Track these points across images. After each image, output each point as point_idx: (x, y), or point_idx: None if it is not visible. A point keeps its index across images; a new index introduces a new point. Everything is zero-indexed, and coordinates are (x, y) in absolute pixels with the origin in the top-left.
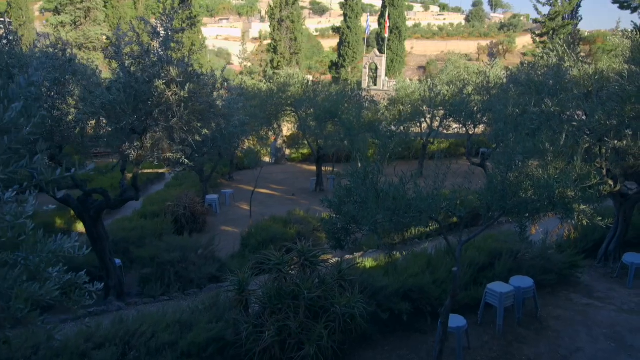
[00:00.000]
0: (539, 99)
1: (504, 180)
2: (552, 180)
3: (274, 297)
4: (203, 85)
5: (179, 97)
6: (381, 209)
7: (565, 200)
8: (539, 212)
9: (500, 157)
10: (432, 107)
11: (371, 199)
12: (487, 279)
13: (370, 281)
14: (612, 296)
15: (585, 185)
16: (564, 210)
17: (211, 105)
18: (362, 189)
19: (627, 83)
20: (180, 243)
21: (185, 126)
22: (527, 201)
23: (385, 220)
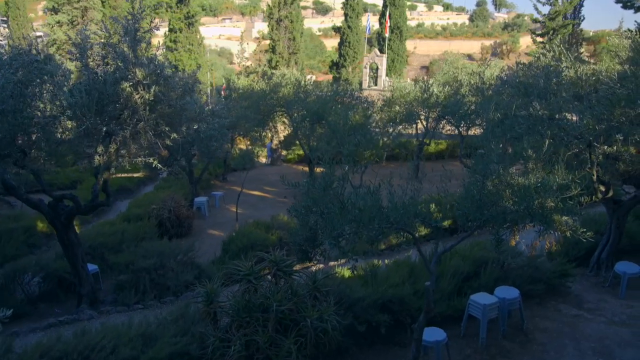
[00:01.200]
0: (527, 102)
1: (481, 189)
2: (531, 189)
3: (242, 310)
4: (171, 88)
5: (144, 100)
6: (345, 221)
7: (544, 211)
8: (518, 223)
9: (477, 164)
10: (425, 109)
11: (334, 211)
12: (472, 289)
13: (347, 292)
14: (602, 307)
15: (565, 196)
16: (542, 222)
17: (181, 108)
18: (324, 200)
19: (618, 86)
20: (158, 249)
21: (152, 130)
22: (505, 211)
23: (349, 233)
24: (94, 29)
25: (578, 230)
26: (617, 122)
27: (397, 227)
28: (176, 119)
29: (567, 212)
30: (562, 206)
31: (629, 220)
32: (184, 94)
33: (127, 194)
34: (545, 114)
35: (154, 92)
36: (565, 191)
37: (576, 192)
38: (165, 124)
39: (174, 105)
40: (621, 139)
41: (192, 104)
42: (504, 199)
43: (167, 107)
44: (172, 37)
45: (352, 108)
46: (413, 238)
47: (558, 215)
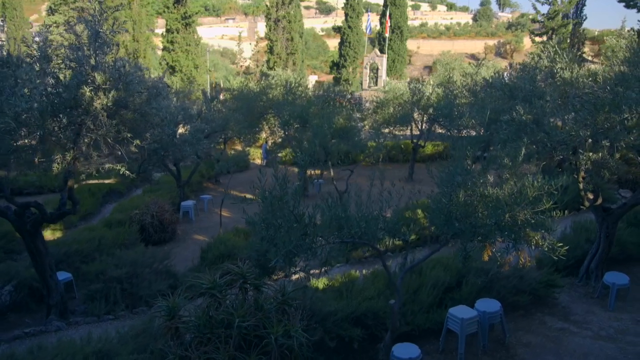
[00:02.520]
0: (512, 105)
1: (449, 202)
2: (502, 202)
3: (203, 326)
4: (133, 93)
5: (103, 105)
6: (296, 237)
7: (513, 227)
8: (488, 238)
9: (442, 176)
10: (416, 110)
11: (286, 226)
12: (453, 301)
13: (319, 305)
14: (589, 320)
15: (537, 210)
16: (511, 238)
17: (146, 113)
18: (276, 214)
19: (602, 90)
20: (131, 257)
21: (112, 137)
22: (476, 225)
23: (301, 250)
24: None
25: (555, 244)
26: (602, 128)
27: (359, 241)
28: (141, 125)
29: (538, 227)
30: (534, 221)
31: (620, 228)
32: (149, 98)
33: (118, 197)
34: (529, 119)
35: (112, 97)
36: (537, 204)
37: (548, 205)
38: (127, 130)
39: (139, 110)
40: (607, 145)
41: (161, 109)
42: (476, 211)
43: (130, 112)
44: (170, 38)
45: (342, 110)
46: (378, 253)
47: (529, 231)
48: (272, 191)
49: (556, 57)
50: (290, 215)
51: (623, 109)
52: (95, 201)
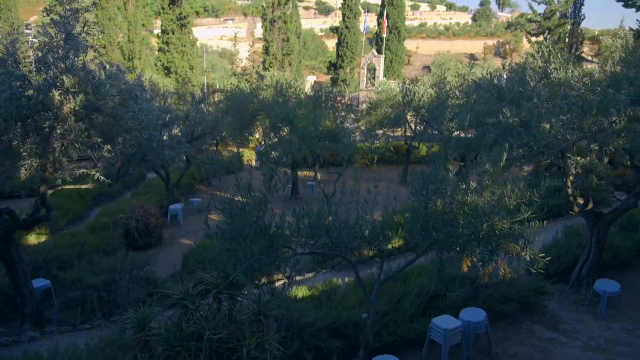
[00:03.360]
0: (499, 108)
1: (426, 210)
2: (480, 211)
3: (173, 339)
4: (105, 96)
5: (71, 109)
6: (259, 249)
7: (490, 237)
8: (466, 248)
9: (414, 184)
10: (407, 112)
11: (248, 238)
12: (438, 310)
13: (296, 315)
14: (579, 329)
15: (516, 220)
16: (488, 249)
17: (119, 117)
18: (238, 225)
19: (590, 92)
20: (109, 264)
21: (80, 142)
22: (453, 234)
23: (264, 264)
24: None
25: (537, 254)
26: (589, 131)
27: (330, 252)
28: (113, 129)
29: (515, 238)
30: (511, 231)
31: (612, 233)
32: (123, 101)
33: (109, 200)
34: (516, 122)
35: (80, 100)
36: (516, 214)
37: (527, 215)
38: (98, 135)
39: (111, 114)
40: (596, 149)
41: (138, 112)
42: (456, 220)
43: (101, 116)
44: (165, 39)
45: (329, 112)
46: (350, 263)
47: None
48: (232, 201)
49: (550, 57)
50: (254, 225)
51: (611, 112)
52: (84, 204)
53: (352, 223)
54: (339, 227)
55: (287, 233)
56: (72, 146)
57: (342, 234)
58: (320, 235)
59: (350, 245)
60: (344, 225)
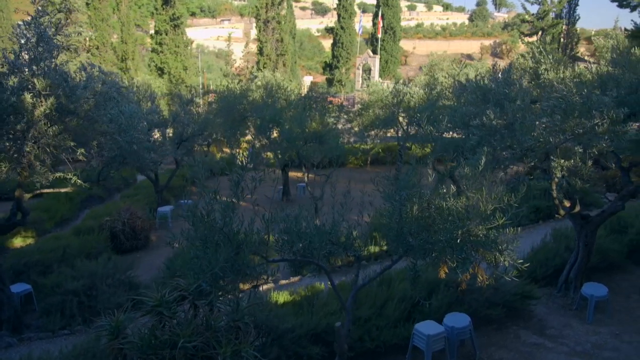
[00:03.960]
0: (482, 109)
1: (400, 216)
2: (455, 216)
3: (146, 347)
4: (78, 99)
5: (42, 112)
6: (224, 257)
7: (464, 244)
8: (441, 255)
9: (386, 190)
10: (398, 113)
11: (214, 245)
12: (422, 315)
13: (276, 322)
14: (566, 334)
15: (490, 226)
16: (461, 257)
17: (93, 120)
18: (203, 232)
19: (572, 94)
20: (90, 268)
21: (51, 146)
22: (429, 241)
23: (229, 272)
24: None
25: (516, 262)
26: (572, 133)
27: (302, 259)
28: (88, 132)
29: (488, 246)
30: (485, 238)
31: (601, 235)
32: (98, 104)
33: (98, 202)
34: (499, 124)
35: (51, 103)
36: (491, 220)
37: (501, 221)
38: (71, 138)
39: (86, 117)
40: (580, 151)
41: (119, 114)
42: (433, 226)
43: (75, 119)
44: (158, 39)
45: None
46: (325, 271)
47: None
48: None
49: (541, 57)
50: (219, 232)
51: (594, 114)
52: (73, 207)
53: (328, 228)
54: (311, 232)
55: (257, 239)
56: (44, 150)
57: (314, 240)
58: (293, 242)
59: (323, 251)
60: (317, 230)
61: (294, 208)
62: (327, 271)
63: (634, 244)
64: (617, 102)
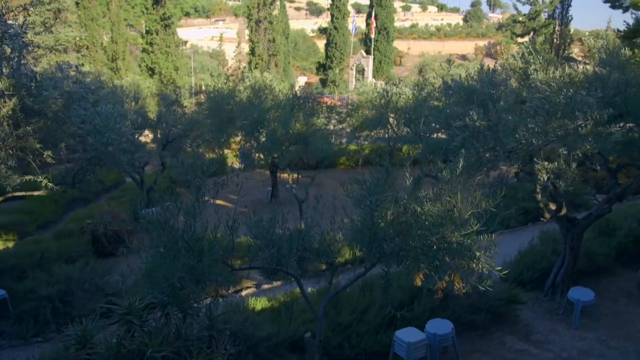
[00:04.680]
0: (467, 110)
1: (372, 222)
2: (429, 222)
3: (114, 357)
4: (45, 99)
5: (4, 113)
6: (183, 266)
7: (438, 251)
8: (415, 262)
9: (355, 195)
10: (387, 113)
11: (170, 253)
12: (404, 321)
13: (251, 329)
14: (551, 339)
15: (466, 233)
16: (434, 265)
17: (62, 121)
18: (162, 240)
19: (555, 94)
20: (66, 273)
21: (14, 148)
22: (403, 247)
23: (187, 283)
24: (69, 32)
25: (493, 269)
26: (555, 135)
27: (271, 267)
28: (57, 134)
29: (461, 253)
30: (459, 245)
31: (589, 238)
32: (67, 105)
33: (85, 204)
34: (482, 125)
35: (14, 104)
36: (466, 226)
37: (475, 228)
38: (38, 141)
39: (54, 118)
40: (565, 153)
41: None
42: (410, 231)
43: (42, 120)
44: (149, 39)
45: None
46: (296, 281)
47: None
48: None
49: (530, 58)
50: (179, 240)
51: (577, 115)
52: (57, 209)
53: (301, 234)
54: (281, 238)
55: (223, 246)
56: (7, 153)
57: (283, 246)
58: (260, 248)
59: (293, 258)
60: (288, 236)
61: (281, 210)
62: (297, 280)
63: (622, 246)
64: (603, 103)
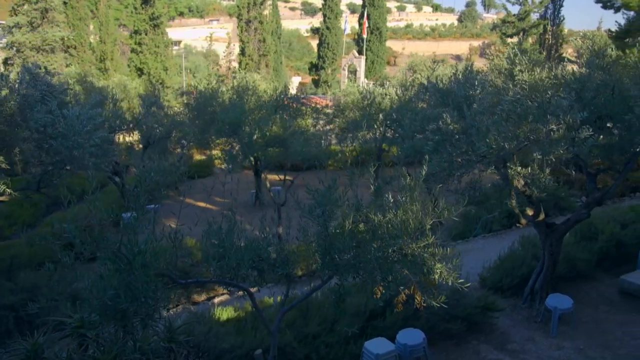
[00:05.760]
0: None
1: (327, 233)
2: (385, 233)
3: None
4: None
5: None
6: (113, 282)
7: (393, 264)
8: (370, 276)
9: (307, 205)
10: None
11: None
12: (376, 330)
13: (214, 341)
14: (527, 349)
15: (420, 245)
16: (387, 279)
17: (16, 125)
18: None
19: (527, 97)
20: (31, 280)
21: None
22: (360, 259)
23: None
24: (56, 31)
25: (456, 281)
26: (526, 139)
27: (218, 281)
28: (8, 138)
29: (414, 267)
30: (414, 258)
31: (570, 243)
32: (22, 108)
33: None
34: (456, 128)
35: None
36: (422, 237)
37: (430, 240)
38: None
39: (8, 122)
40: (539, 158)
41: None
42: (369, 242)
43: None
44: (137, 39)
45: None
46: (248, 295)
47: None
48: None
49: (515, 59)
50: (110, 254)
51: (548, 119)
52: (37, 212)
53: (257, 244)
54: (232, 249)
55: (167, 259)
56: None
57: (231, 258)
58: (209, 261)
59: (242, 272)
60: (245, 247)
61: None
62: (250, 294)
63: (604, 251)
64: (582, 105)
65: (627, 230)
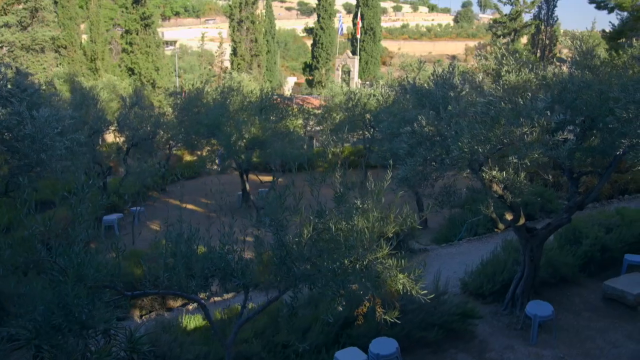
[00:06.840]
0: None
1: (281, 244)
2: (342, 243)
3: None
4: None
5: None
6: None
7: (345, 277)
8: (325, 288)
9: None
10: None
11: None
12: (350, 338)
13: (178, 352)
14: (506, 358)
15: (375, 256)
16: (338, 291)
17: None
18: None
19: (503, 99)
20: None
21: None
22: (317, 270)
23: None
24: (46, 31)
25: (417, 293)
26: (499, 143)
27: (167, 292)
28: None
29: (366, 279)
30: (368, 270)
31: (553, 248)
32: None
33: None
34: (431, 131)
35: None
36: (378, 248)
37: (385, 251)
38: None
39: None
40: (515, 162)
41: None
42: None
43: None
44: (128, 39)
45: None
46: (201, 307)
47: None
48: None
49: (502, 59)
50: (50, 265)
51: (521, 122)
52: (17, 214)
53: (213, 253)
54: (180, 260)
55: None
56: None
57: (180, 269)
58: (156, 271)
59: (194, 283)
60: (190, 258)
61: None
62: (202, 305)
63: (589, 255)
64: (564, 107)
65: (611, 234)
